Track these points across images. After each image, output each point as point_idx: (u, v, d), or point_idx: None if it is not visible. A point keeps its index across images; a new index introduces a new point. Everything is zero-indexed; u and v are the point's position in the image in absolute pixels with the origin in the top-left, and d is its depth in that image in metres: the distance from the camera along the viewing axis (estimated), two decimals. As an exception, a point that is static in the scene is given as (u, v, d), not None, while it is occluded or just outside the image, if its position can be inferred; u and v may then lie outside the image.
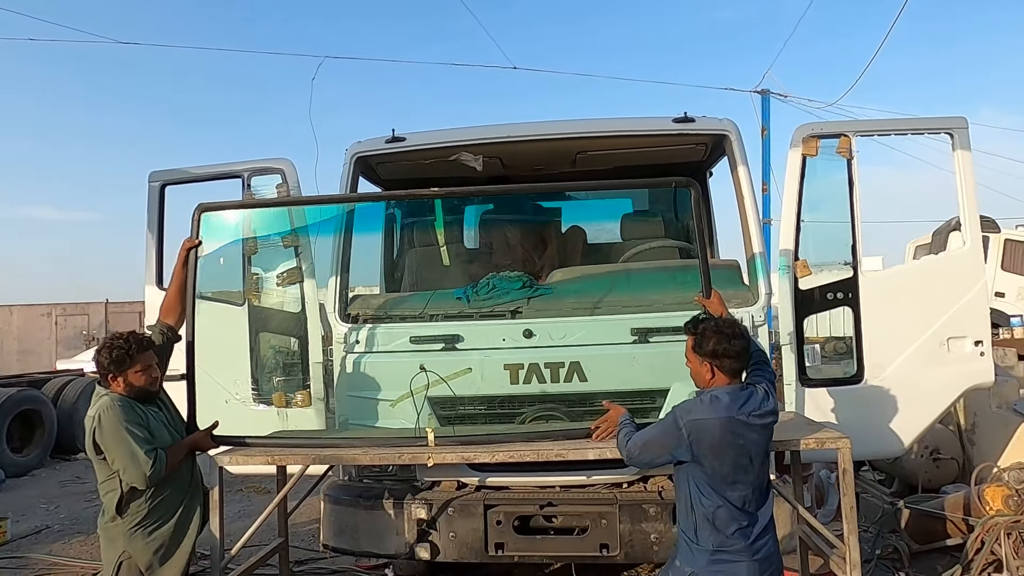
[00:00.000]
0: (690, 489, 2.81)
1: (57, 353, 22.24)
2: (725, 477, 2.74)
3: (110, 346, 3.20)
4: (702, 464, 2.75)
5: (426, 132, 4.46)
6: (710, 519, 2.74)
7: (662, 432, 2.85)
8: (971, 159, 4.08)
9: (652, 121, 4.35)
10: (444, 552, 3.77)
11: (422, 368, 3.66)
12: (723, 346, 2.84)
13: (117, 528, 3.21)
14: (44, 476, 9.96)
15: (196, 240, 3.67)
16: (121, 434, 3.08)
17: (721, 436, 2.73)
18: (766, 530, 2.81)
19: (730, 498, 2.74)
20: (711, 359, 2.85)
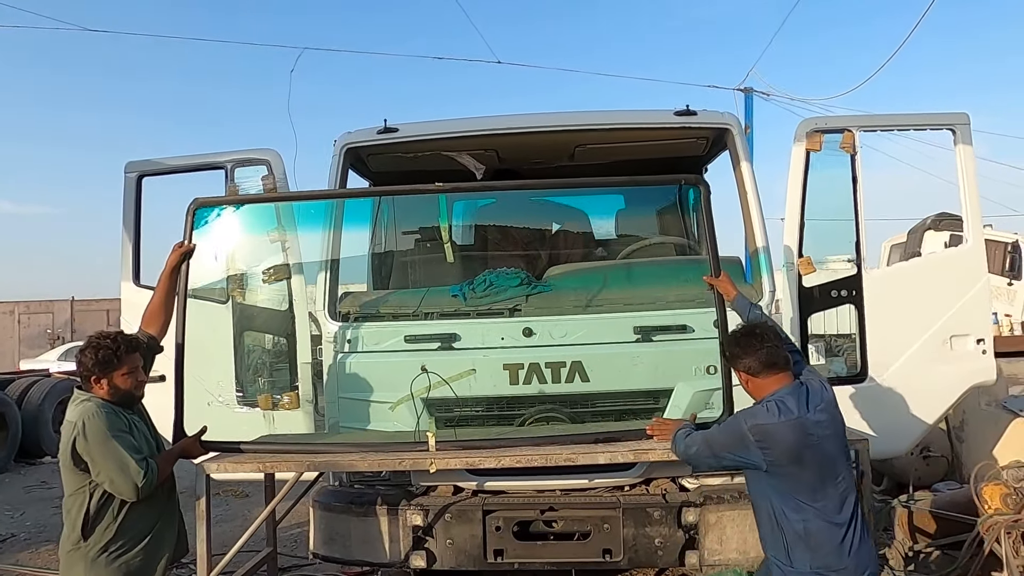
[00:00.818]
0: (772, 505, 2.65)
1: (21, 353, 21.57)
2: (811, 485, 2.58)
3: (96, 346, 2.95)
4: (782, 474, 2.60)
5: (420, 123, 4.30)
6: (802, 536, 2.57)
7: (725, 432, 2.72)
8: (973, 155, 4.05)
9: (653, 114, 4.24)
10: (441, 560, 3.63)
11: (424, 369, 3.51)
12: (735, 349, 2.77)
13: (79, 552, 2.92)
14: (8, 482, 9.56)
15: (190, 244, 3.42)
16: (110, 443, 2.85)
17: (796, 440, 2.57)
18: (863, 538, 2.64)
19: (821, 509, 2.57)
20: (737, 365, 2.78)
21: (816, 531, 2.57)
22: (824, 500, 2.59)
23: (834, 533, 2.57)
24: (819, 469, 2.59)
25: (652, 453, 3.10)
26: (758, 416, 2.65)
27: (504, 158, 4.64)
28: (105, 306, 21.57)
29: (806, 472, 2.58)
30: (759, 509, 2.75)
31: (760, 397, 2.75)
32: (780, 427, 2.58)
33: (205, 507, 3.11)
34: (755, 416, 2.66)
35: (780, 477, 2.60)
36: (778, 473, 2.60)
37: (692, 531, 3.54)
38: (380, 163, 4.65)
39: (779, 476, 2.60)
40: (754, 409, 2.71)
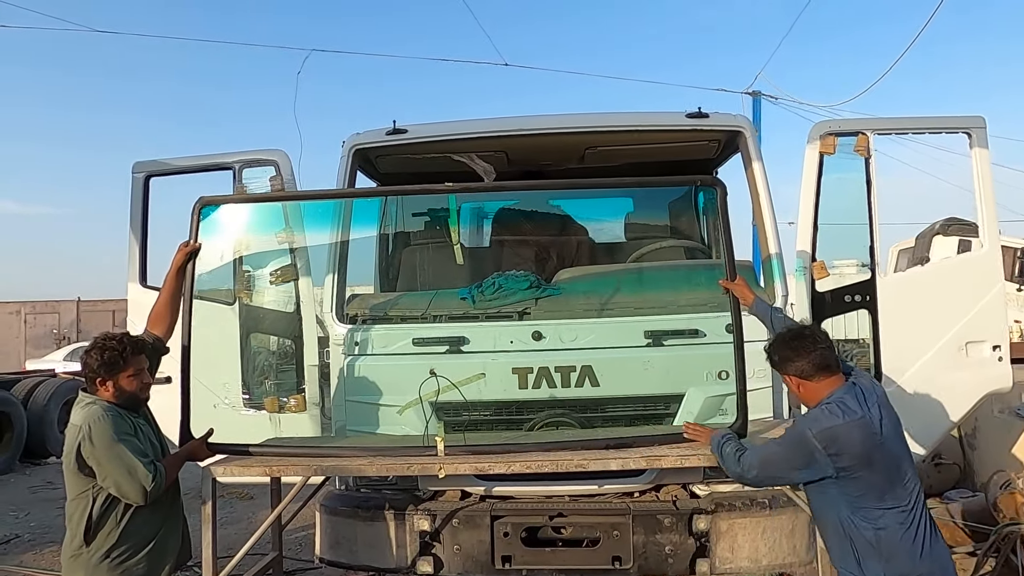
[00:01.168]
0: (841, 515, 2.53)
1: (27, 353, 21.63)
2: (881, 487, 2.48)
3: (102, 347, 2.91)
4: (852, 479, 2.48)
5: (429, 124, 4.27)
6: (875, 545, 2.46)
7: (789, 447, 2.58)
8: (989, 159, 3.99)
9: (665, 116, 4.20)
10: (448, 566, 3.58)
11: (433, 373, 3.46)
12: (783, 352, 2.66)
13: (81, 558, 2.88)
14: (13, 482, 9.56)
15: (195, 244, 3.37)
16: (116, 447, 2.80)
17: (863, 440, 2.46)
18: (935, 537, 2.54)
19: (892, 512, 2.47)
20: (786, 370, 2.67)
21: (888, 537, 2.45)
22: (894, 501, 2.48)
23: (907, 536, 2.47)
24: (887, 469, 2.50)
25: (664, 460, 3.05)
26: (821, 421, 2.52)
27: (513, 160, 4.60)
28: (111, 307, 21.64)
29: (876, 474, 2.47)
30: (825, 521, 2.63)
31: (814, 402, 2.64)
32: (847, 428, 2.47)
33: (211, 511, 3.07)
34: (818, 421, 2.53)
35: (850, 483, 2.48)
36: (848, 479, 2.47)
37: (703, 539, 3.48)
38: (389, 164, 4.62)
39: (849, 482, 2.48)
40: (813, 415, 2.58)
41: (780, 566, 3.60)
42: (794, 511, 3.49)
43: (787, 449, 2.59)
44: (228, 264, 4.12)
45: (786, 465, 2.59)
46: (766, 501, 3.56)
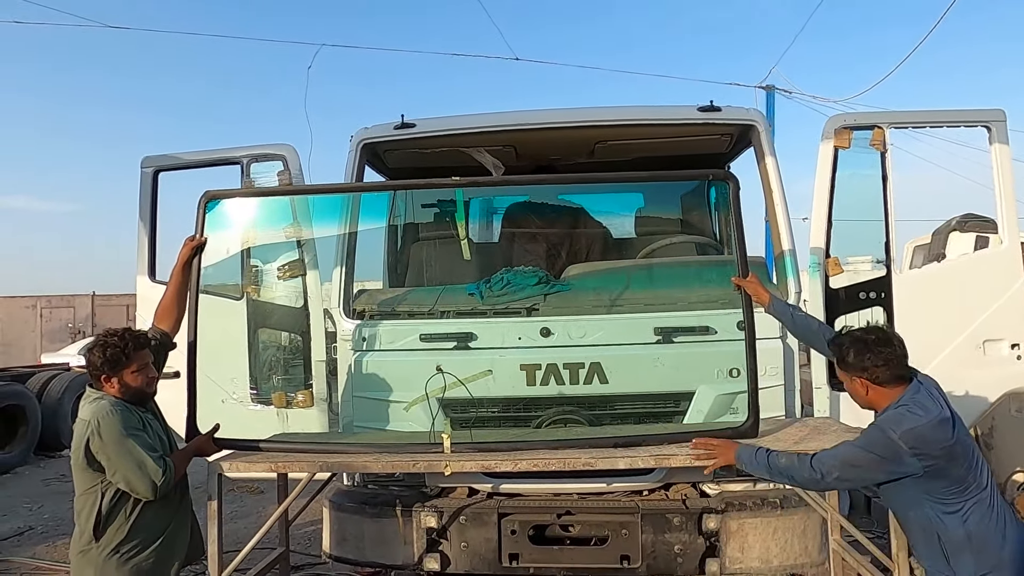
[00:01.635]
0: (928, 513, 2.51)
1: (42, 347, 21.84)
2: (964, 479, 2.47)
3: (104, 344, 2.89)
4: (938, 476, 2.47)
5: (437, 118, 4.23)
6: (964, 540, 2.45)
7: (873, 449, 2.52)
8: (1010, 153, 3.90)
9: (676, 110, 4.14)
10: (455, 563, 3.57)
11: (439, 369, 3.44)
12: (868, 356, 2.58)
13: (91, 554, 2.87)
14: (28, 474, 9.65)
15: (201, 238, 3.35)
16: (126, 442, 2.80)
17: (946, 436, 2.46)
18: (1011, 518, 2.54)
19: (974, 503, 2.47)
20: (859, 373, 2.61)
21: (978, 530, 2.46)
22: (976, 490, 2.49)
23: (991, 524, 2.47)
24: (966, 460, 2.49)
25: (674, 459, 3.00)
26: (903, 423, 2.49)
27: (522, 155, 4.56)
28: (125, 301, 21.77)
29: (958, 467, 2.48)
30: (910, 520, 2.60)
31: (881, 406, 2.61)
32: (930, 428, 2.47)
33: (217, 507, 3.06)
34: (900, 423, 2.49)
35: (935, 479, 2.48)
36: (934, 476, 2.47)
37: (713, 538, 3.44)
38: (397, 159, 4.59)
39: (934, 479, 2.47)
40: (893, 417, 2.54)
41: (791, 567, 3.54)
42: (806, 511, 3.44)
43: (871, 452, 2.53)
44: (236, 259, 4.11)
45: (873, 467, 2.55)
46: (777, 501, 3.52)
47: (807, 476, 2.64)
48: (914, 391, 2.58)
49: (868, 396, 2.63)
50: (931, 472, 2.47)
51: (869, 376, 2.60)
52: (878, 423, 2.58)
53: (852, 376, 2.65)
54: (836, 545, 3.39)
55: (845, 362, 2.65)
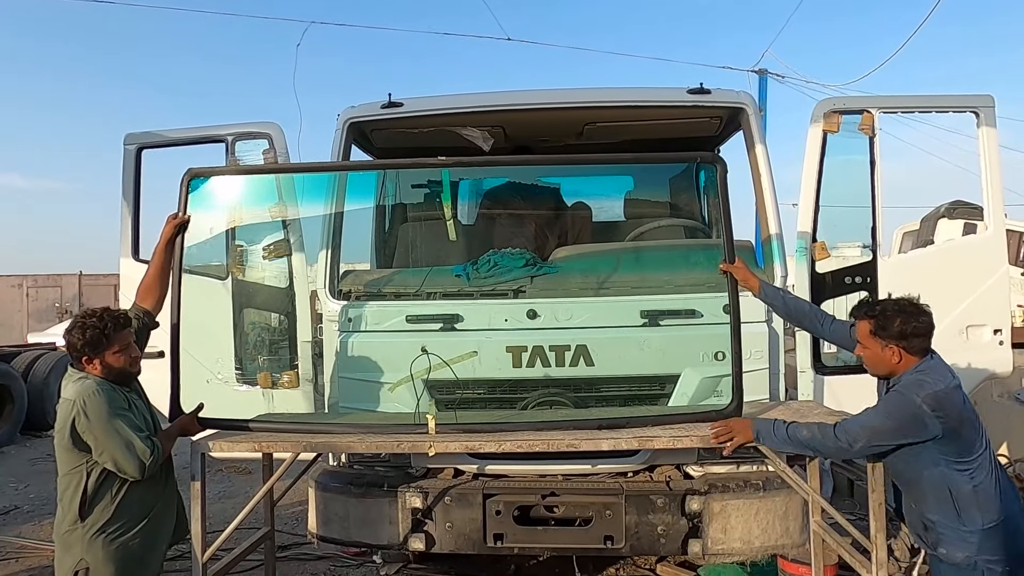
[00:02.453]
0: (940, 472, 2.65)
1: (28, 326, 21.68)
2: (973, 440, 2.64)
3: (83, 325, 2.87)
4: (954, 437, 2.61)
5: (425, 98, 4.18)
6: (975, 496, 2.62)
7: (898, 413, 2.64)
8: (997, 139, 3.91)
9: (665, 92, 4.10)
10: (440, 543, 3.58)
11: (424, 351, 3.43)
12: (912, 325, 2.69)
13: (76, 533, 2.86)
14: (13, 454, 9.61)
15: (184, 216, 3.29)
16: (114, 422, 2.78)
17: (962, 401, 2.64)
18: (1005, 478, 2.74)
19: (980, 463, 2.64)
20: (898, 341, 2.70)
21: (983, 487, 2.62)
22: (980, 450, 2.65)
23: (992, 483, 2.65)
24: (974, 425, 2.66)
25: (657, 440, 3.02)
26: (925, 387, 2.61)
27: (511, 135, 4.52)
28: (112, 281, 21.55)
29: (970, 430, 2.64)
30: (923, 480, 2.71)
31: (902, 370, 2.73)
32: (949, 393, 2.61)
33: (201, 487, 3.05)
34: (922, 388, 2.62)
35: (951, 442, 2.61)
36: (951, 437, 2.61)
37: (696, 519, 3.47)
38: (384, 139, 4.55)
39: (950, 441, 2.61)
40: (914, 381, 2.66)
41: (773, 548, 3.58)
42: (788, 493, 3.48)
43: (896, 416, 2.65)
44: (220, 238, 4.07)
45: (899, 432, 2.65)
46: (760, 483, 3.55)
47: (833, 446, 2.74)
48: (931, 360, 2.73)
49: (897, 364, 2.72)
50: (948, 434, 2.60)
51: (908, 345, 2.70)
52: (899, 389, 2.67)
53: (888, 343, 2.72)
54: (817, 527, 3.42)
55: (886, 330, 2.71)
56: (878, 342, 2.74)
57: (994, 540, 2.61)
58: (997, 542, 2.61)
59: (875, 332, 2.75)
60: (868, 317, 2.79)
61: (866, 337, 2.79)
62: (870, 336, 2.77)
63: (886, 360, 2.74)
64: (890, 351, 2.72)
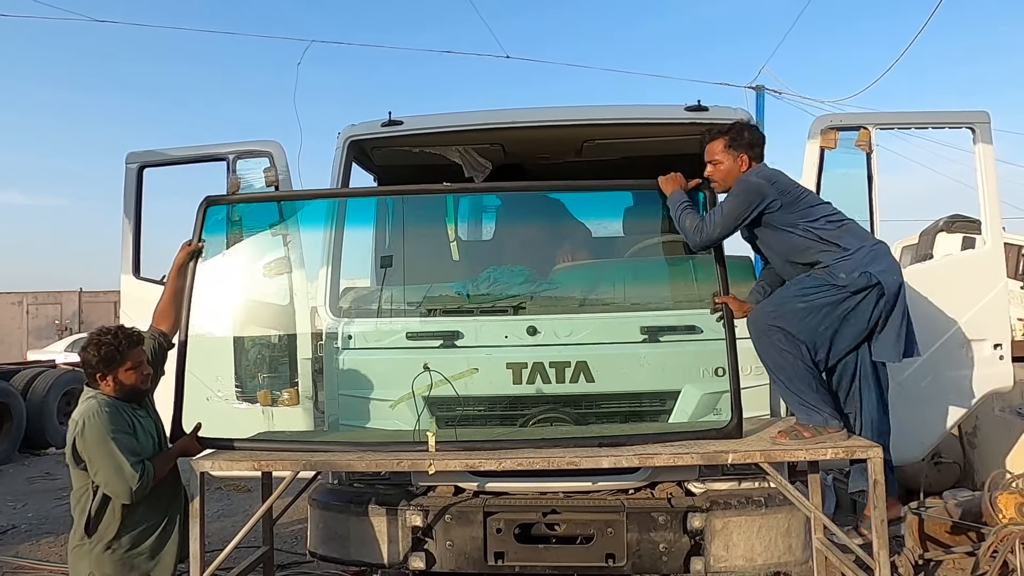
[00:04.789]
0: (793, 239, 3.19)
1: (28, 343, 21.66)
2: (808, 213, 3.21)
3: (98, 342, 2.95)
4: (792, 208, 3.17)
5: (425, 116, 4.21)
6: (839, 229, 3.18)
7: (743, 191, 3.15)
8: (993, 154, 3.93)
9: (663, 109, 4.14)
10: (440, 562, 3.55)
11: (426, 368, 3.43)
12: (756, 136, 3.25)
13: (84, 548, 2.97)
14: (12, 472, 9.57)
15: (199, 243, 3.41)
16: (107, 445, 2.84)
17: (791, 182, 3.31)
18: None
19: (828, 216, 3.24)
20: (747, 150, 3.20)
21: (840, 224, 3.19)
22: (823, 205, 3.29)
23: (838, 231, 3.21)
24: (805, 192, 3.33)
25: (658, 458, 3.01)
26: (758, 170, 3.19)
27: (510, 152, 4.55)
28: (112, 298, 21.62)
29: (804, 200, 3.23)
30: (782, 245, 3.21)
31: (734, 177, 3.25)
32: (778, 173, 3.23)
33: (199, 505, 3.04)
34: (757, 171, 3.19)
35: (788, 211, 3.15)
36: (788, 208, 3.14)
37: (698, 537, 3.45)
38: (384, 156, 4.57)
39: (788, 211, 3.15)
40: (748, 171, 3.21)
41: (775, 565, 3.56)
42: (790, 510, 3.46)
43: (742, 193, 3.11)
44: (222, 256, 4.08)
45: (745, 205, 3.08)
46: (762, 500, 3.53)
47: (695, 232, 3.16)
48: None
49: (740, 170, 3.21)
50: (785, 204, 3.06)
51: (752, 153, 3.22)
52: (739, 179, 3.17)
53: (739, 152, 3.22)
54: (819, 544, 3.40)
55: (738, 141, 3.21)
56: (731, 153, 3.21)
57: (874, 253, 3.03)
58: (877, 254, 3.03)
59: (729, 145, 3.22)
60: (721, 135, 3.25)
61: (720, 152, 3.25)
62: (724, 150, 3.23)
63: (735, 170, 3.20)
64: (740, 160, 3.20)
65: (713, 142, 3.26)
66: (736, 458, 3.01)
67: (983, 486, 4.82)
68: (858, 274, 2.97)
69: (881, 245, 3.15)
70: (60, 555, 6.01)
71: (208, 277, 4.00)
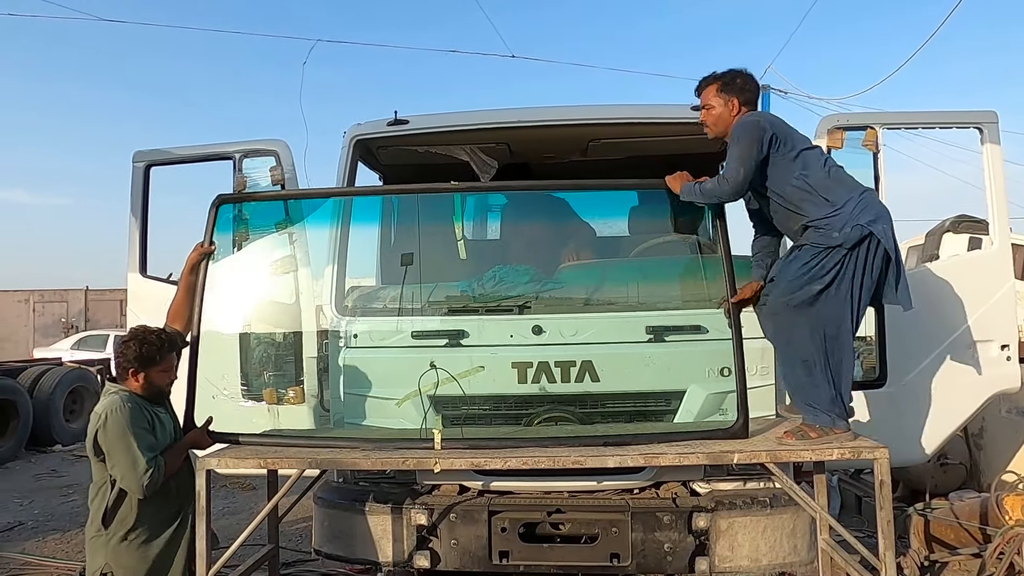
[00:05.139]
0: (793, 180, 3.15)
1: (34, 341, 21.76)
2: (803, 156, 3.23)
3: (142, 340, 3.08)
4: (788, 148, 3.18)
5: (430, 115, 4.22)
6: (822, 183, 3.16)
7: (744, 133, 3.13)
8: (1001, 154, 3.91)
9: (669, 108, 4.13)
10: (445, 560, 3.56)
11: (433, 365, 3.44)
12: (748, 82, 3.24)
13: (100, 540, 3.03)
14: (18, 469, 9.62)
15: (211, 246, 3.47)
16: (126, 439, 2.94)
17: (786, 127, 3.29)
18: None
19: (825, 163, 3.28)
20: (739, 95, 3.20)
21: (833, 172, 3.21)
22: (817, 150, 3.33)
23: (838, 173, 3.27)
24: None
25: (663, 457, 3.01)
26: (757, 113, 3.21)
27: (516, 152, 4.55)
28: (119, 296, 21.72)
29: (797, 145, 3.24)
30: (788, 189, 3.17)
31: (718, 128, 3.29)
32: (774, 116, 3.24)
33: (205, 503, 3.05)
34: (752, 113, 3.20)
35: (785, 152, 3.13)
36: (785, 148, 3.12)
37: (703, 537, 3.44)
38: (390, 155, 4.58)
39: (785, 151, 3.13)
40: (747, 113, 3.23)
41: (780, 566, 3.55)
42: (795, 510, 3.45)
43: (746, 135, 3.08)
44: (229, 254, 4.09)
45: (754, 145, 3.05)
46: (767, 500, 3.52)
47: (720, 185, 3.13)
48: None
49: (733, 116, 3.21)
50: (782, 141, 3.07)
51: (743, 99, 3.22)
52: (737, 123, 3.16)
53: (731, 96, 3.22)
54: (824, 544, 3.40)
55: (730, 86, 3.22)
56: (721, 97, 3.22)
57: (862, 203, 3.02)
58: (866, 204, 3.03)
59: (721, 89, 3.23)
60: (715, 79, 3.26)
61: (712, 96, 3.26)
62: (716, 94, 3.24)
63: (726, 116, 3.22)
64: (731, 103, 3.21)
65: (707, 88, 3.29)
66: (742, 458, 3.00)
67: (989, 487, 4.80)
68: (850, 228, 2.97)
69: (869, 193, 3.15)
70: (66, 552, 6.04)
71: (214, 275, 4.03)
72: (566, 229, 4.76)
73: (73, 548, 6.16)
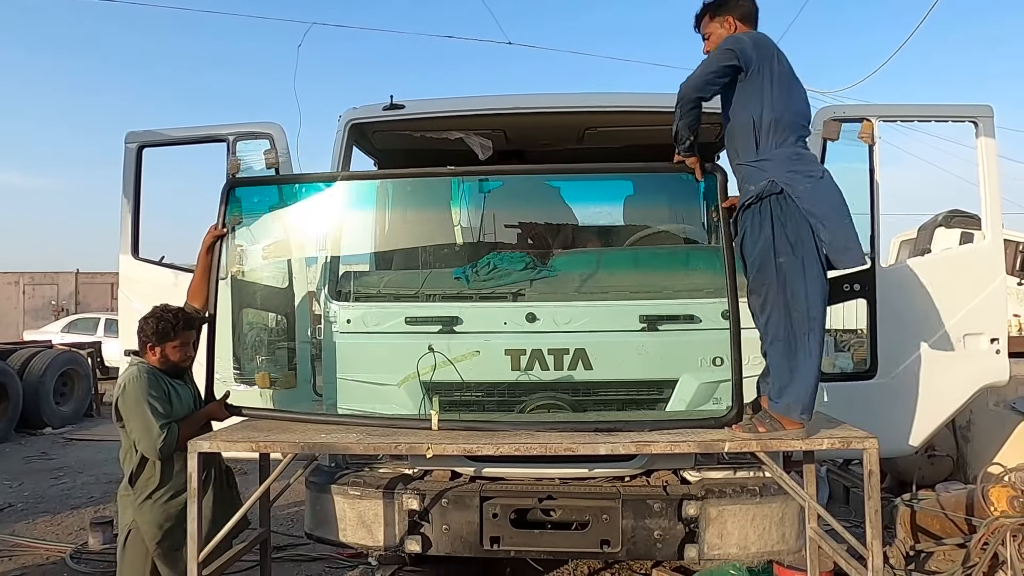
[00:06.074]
0: (752, 110, 3.12)
1: (25, 323, 21.63)
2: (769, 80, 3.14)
3: (159, 317, 3.28)
4: (761, 76, 3.09)
5: (426, 100, 4.19)
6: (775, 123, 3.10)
7: (722, 46, 3.12)
8: (996, 149, 3.92)
9: (665, 97, 4.06)
10: (436, 545, 3.58)
11: (430, 348, 3.45)
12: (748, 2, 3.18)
13: (128, 498, 3.28)
14: (8, 452, 9.59)
15: (223, 230, 3.58)
16: (141, 406, 3.15)
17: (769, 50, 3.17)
18: None
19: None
20: (731, 12, 3.14)
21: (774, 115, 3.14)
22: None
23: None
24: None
25: (654, 445, 3.02)
26: (739, 34, 3.12)
27: (511, 139, 4.53)
28: (109, 279, 21.60)
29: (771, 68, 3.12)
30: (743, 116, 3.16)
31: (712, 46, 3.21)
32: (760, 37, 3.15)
33: (196, 485, 3.05)
34: (736, 34, 3.13)
35: (757, 79, 3.06)
36: (757, 75, 3.05)
37: (692, 524, 3.47)
38: (385, 140, 4.55)
39: (756, 78, 3.06)
40: (732, 35, 3.16)
41: (769, 554, 3.58)
42: (784, 499, 3.48)
43: (721, 49, 3.05)
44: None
45: (722, 58, 3.01)
46: (757, 489, 3.55)
47: (685, 91, 3.11)
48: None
49: (728, 31, 3.16)
50: (757, 69, 2.98)
51: (740, 13, 3.16)
52: (721, 43, 3.10)
53: (724, 16, 3.17)
54: (813, 533, 3.43)
55: (724, 6, 3.16)
56: (717, 21, 3.18)
57: (787, 159, 2.97)
58: (790, 158, 2.97)
59: (715, 14, 3.18)
60: (707, 9, 3.22)
61: (709, 24, 3.22)
62: (711, 21, 3.21)
63: (716, 33, 3.17)
64: (726, 22, 3.16)
65: (702, 19, 3.25)
66: (733, 447, 3.01)
67: (975, 479, 4.86)
68: (766, 182, 2.96)
69: (794, 149, 3.03)
70: (56, 534, 6.04)
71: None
72: (561, 217, 4.76)
73: (63, 530, 6.16)
